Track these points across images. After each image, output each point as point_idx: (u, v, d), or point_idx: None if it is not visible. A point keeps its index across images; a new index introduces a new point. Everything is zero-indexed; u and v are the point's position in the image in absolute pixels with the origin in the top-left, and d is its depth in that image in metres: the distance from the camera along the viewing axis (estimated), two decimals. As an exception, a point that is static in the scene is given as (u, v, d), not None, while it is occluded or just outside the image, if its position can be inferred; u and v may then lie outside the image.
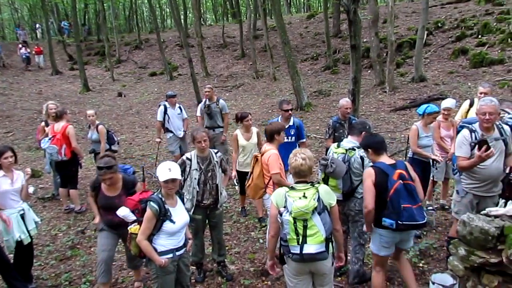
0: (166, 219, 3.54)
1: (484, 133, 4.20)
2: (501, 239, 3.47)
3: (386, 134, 11.03)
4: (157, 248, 3.57)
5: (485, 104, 4.15)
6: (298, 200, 3.11)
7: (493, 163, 4.17)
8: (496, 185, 4.26)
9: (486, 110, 4.10)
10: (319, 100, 15.48)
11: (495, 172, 4.20)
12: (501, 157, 4.22)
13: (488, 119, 4.11)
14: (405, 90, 14.67)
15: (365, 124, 4.67)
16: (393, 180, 3.68)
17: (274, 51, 21.97)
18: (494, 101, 4.14)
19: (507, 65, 14.27)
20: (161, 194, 3.62)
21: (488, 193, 4.29)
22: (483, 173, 4.23)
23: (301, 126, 6.31)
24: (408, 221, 3.63)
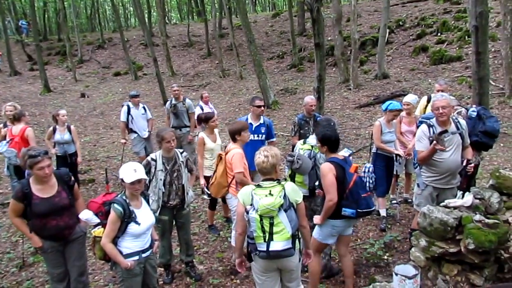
0: (131, 221, 3.47)
1: (441, 127, 4.35)
2: (459, 229, 3.61)
3: (351, 130, 11.25)
4: (122, 250, 3.51)
5: (437, 99, 4.34)
6: (264, 198, 3.13)
7: (450, 156, 4.34)
8: (454, 177, 4.43)
9: (439, 104, 4.28)
10: (286, 98, 15.60)
11: (453, 165, 4.36)
12: (458, 150, 4.39)
13: (442, 112, 4.27)
14: (369, 87, 14.98)
15: (330, 121, 4.75)
16: (350, 173, 3.89)
17: (240, 50, 21.97)
18: (445, 95, 4.35)
19: (464, 62, 14.79)
20: (125, 195, 3.55)
21: (447, 185, 4.46)
22: (441, 166, 4.39)
23: (271, 125, 6.32)
24: (366, 209, 3.91)
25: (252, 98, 6.23)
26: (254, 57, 14.69)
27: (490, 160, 8.12)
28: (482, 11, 7.20)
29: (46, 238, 3.87)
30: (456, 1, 20.75)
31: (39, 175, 3.69)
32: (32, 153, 3.65)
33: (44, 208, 3.74)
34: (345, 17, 20.11)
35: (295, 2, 24.24)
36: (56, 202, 3.80)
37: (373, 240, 5.51)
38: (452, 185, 4.46)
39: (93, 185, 8.55)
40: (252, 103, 6.05)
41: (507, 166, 7.74)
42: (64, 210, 3.82)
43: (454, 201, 3.93)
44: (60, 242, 3.94)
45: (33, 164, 3.63)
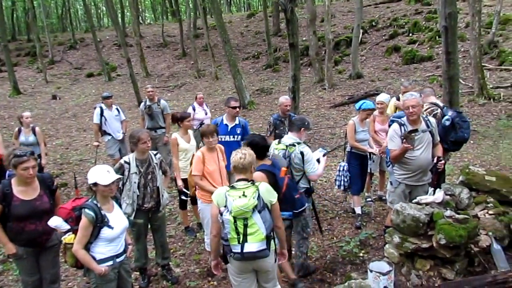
0: (104, 225, 3.38)
1: (412, 126, 4.46)
2: (431, 225, 3.70)
3: (327, 129, 11.36)
4: (95, 256, 3.41)
5: (407, 99, 4.44)
6: (237, 199, 3.12)
7: (421, 154, 4.44)
8: (425, 175, 4.54)
9: (409, 103, 4.38)
10: (262, 98, 15.64)
11: (424, 162, 4.47)
12: (428, 148, 4.50)
13: (412, 112, 4.37)
14: (343, 87, 15.17)
15: (304, 121, 4.76)
16: (281, 178, 4.03)
17: (216, 50, 21.92)
18: (414, 94, 4.46)
19: (435, 61, 15.14)
20: (96, 200, 3.45)
21: (418, 182, 4.57)
22: (413, 164, 4.49)
23: (246, 125, 6.32)
24: (300, 208, 4.23)
25: (227, 99, 6.21)
26: (229, 58, 14.68)
27: (461, 157, 8.33)
28: (451, 12, 7.38)
29: (22, 243, 3.75)
30: (426, 2, 21.23)
31: (23, 175, 3.59)
32: (18, 152, 3.57)
33: (24, 210, 3.64)
34: (319, 18, 20.31)
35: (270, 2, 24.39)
36: (37, 206, 3.70)
37: (349, 238, 5.58)
38: (424, 182, 4.56)
39: (66, 189, 8.37)
40: (227, 104, 6.02)
41: (476, 162, 7.96)
42: (44, 215, 3.69)
43: (426, 197, 4.02)
44: (36, 249, 3.83)
45: (18, 164, 3.55)
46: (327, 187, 7.55)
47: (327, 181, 7.77)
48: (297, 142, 4.53)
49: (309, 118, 12.21)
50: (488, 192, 4.20)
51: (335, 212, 6.50)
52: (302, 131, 4.61)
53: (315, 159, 4.57)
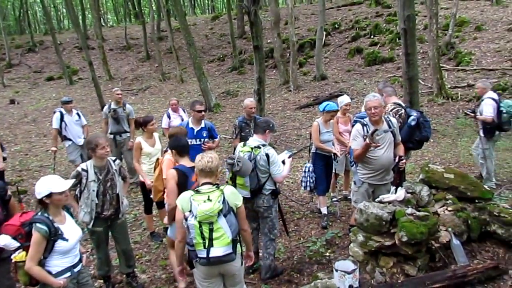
0: (58, 238, 3.17)
1: (374, 126, 4.56)
2: (394, 223, 3.79)
3: (293, 131, 11.46)
4: (51, 270, 3.20)
5: (369, 100, 4.54)
6: (202, 204, 3.09)
7: (383, 153, 4.55)
8: (388, 174, 4.65)
9: (371, 104, 4.48)
10: (227, 101, 15.62)
11: (386, 161, 4.58)
12: (390, 147, 4.61)
13: (374, 112, 4.48)
14: (308, 88, 15.34)
15: (269, 123, 4.78)
16: (191, 181, 4.04)
17: (180, 53, 21.74)
18: (376, 96, 4.57)
19: (396, 62, 15.55)
20: (47, 212, 3.24)
21: (381, 181, 4.67)
22: (375, 163, 4.59)
23: (213, 128, 6.29)
24: None
25: (192, 102, 6.16)
26: (194, 60, 14.59)
27: (421, 156, 8.58)
28: (409, 14, 7.58)
29: None
30: (387, 5, 21.79)
31: None
32: None
33: None
34: (283, 20, 20.49)
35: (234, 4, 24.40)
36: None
37: (315, 238, 5.63)
38: (387, 181, 4.67)
39: (25, 196, 8.08)
40: (192, 107, 5.98)
41: (436, 160, 8.21)
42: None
43: (388, 196, 4.11)
44: None
45: None
46: (294, 188, 7.60)
47: (293, 182, 7.83)
48: (263, 144, 4.54)
49: (275, 120, 12.33)
50: (447, 189, 4.34)
51: (302, 212, 6.55)
52: (267, 133, 4.63)
53: (280, 160, 4.60)
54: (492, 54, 14.05)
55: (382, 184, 4.66)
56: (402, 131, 5.00)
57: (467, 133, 9.83)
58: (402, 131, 4.99)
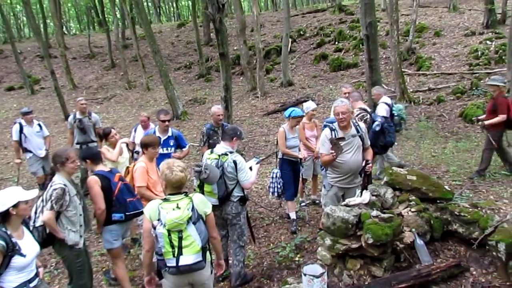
0: (15, 253, 3.07)
1: (342, 131, 4.64)
2: (360, 226, 3.86)
3: (261, 137, 11.51)
4: (5, 286, 3.05)
5: (337, 105, 4.61)
6: (171, 212, 3.06)
7: (351, 157, 4.64)
8: (356, 177, 4.75)
9: (339, 110, 4.56)
10: (195, 108, 15.55)
11: (354, 165, 4.67)
12: (358, 151, 4.70)
13: (342, 118, 4.56)
14: (275, 95, 15.46)
15: (236, 130, 4.79)
16: (115, 182, 4.42)
17: (146, 60, 21.52)
18: (344, 101, 4.64)
19: (360, 68, 15.88)
20: (5, 227, 3.10)
21: (349, 184, 4.76)
22: (343, 167, 4.68)
23: (180, 136, 6.26)
24: (133, 211, 4.49)
25: (158, 111, 6.15)
26: (160, 68, 14.47)
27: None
28: (371, 21, 7.81)
29: None
30: (350, 12, 22.28)
31: None
32: None
33: None
34: (249, 27, 20.60)
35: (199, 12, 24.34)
36: None
37: (285, 243, 5.66)
38: (355, 184, 4.77)
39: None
40: (157, 117, 5.99)
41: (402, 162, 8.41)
42: None
43: (354, 199, 4.19)
44: None
45: None
46: (263, 194, 7.63)
47: (262, 188, 7.86)
48: (230, 151, 4.55)
49: (243, 126, 12.37)
50: (410, 190, 4.46)
51: (271, 218, 6.58)
52: (234, 141, 4.64)
53: (248, 167, 4.63)
54: (451, 59, 14.55)
55: (351, 187, 4.75)
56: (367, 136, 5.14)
57: (429, 135, 10.12)
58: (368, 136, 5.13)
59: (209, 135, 6.25)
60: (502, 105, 6.59)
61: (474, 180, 6.80)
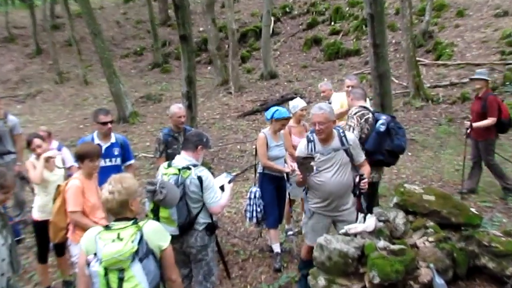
0: None
1: (321, 144, 4.69)
2: (363, 261, 3.89)
3: (235, 146, 11.53)
4: None
5: (314, 113, 4.63)
6: (110, 244, 3.02)
7: (332, 177, 4.61)
8: (343, 203, 4.72)
9: (316, 119, 4.58)
10: (148, 108, 15.49)
11: (336, 188, 4.63)
12: (344, 170, 4.68)
13: (319, 129, 4.58)
14: (254, 90, 15.54)
15: (202, 136, 4.78)
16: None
17: (83, 45, 21.36)
18: (323, 108, 4.64)
19: (363, 56, 16.12)
20: None
21: (333, 212, 4.76)
22: (321, 189, 4.67)
23: (126, 144, 6.19)
24: None
25: (95, 112, 6.03)
26: (101, 55, 14.36)
27: (397, 173, 8.88)
28: (376, -4, 7.89)
29: None
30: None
31: None
32: None
33: None
34: (219, 2, 20.70)
35: (154, -18, 24.32)
36: None
37: (266, 284, 5.65)
38: (339, 213, 4.76)
39: None
40: (95, 118, 5.86)
41: (416, 179, 8.52)
42: None
43: (355, 226, 4.22)
44: None
45: None
46: (237, 220, 7.62)
47: (236, 213, 7.85)
48: (193, 164, 4.52)
49: (211, 132, 12.36)
50: (427, 214, 4.52)
51: (248, 252, 6.57)
52: (199, 150, 4.62)
53: (218, 185, 4.61)
54: (478, 45, 14.83)
55: (339, 215, 4.76)
56: (370, 140, 5.22)
57: (452, 143, 10.30)
58: (369, 139, 5.22)
59: (166, 143, 6.21)
60: (493, 105, 6.92)
61: (507, 201, 6.94)
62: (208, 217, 4.57)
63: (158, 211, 4.46)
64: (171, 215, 4.44)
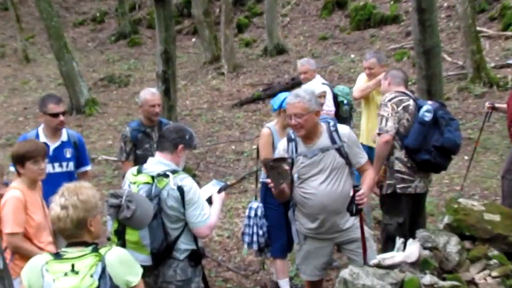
0: None
1: (304, 143, 4.67)
2: (401, 302, 3.88)
3: (228, 145, 11.54)
4: None
5: (288, 103, 4.63)
6: (61, 279, 3.02)
7: (321, 186, 4.58)
8: (341, 221, 4.68)
9: (290, 111, 4.56)
10: (110, 94, 15.53)
11: (328, 200, 4.58)
12: (338, 175, 4.65)
13: (295, 124, 4.52)
14: (254, 70, 15.55)
15: (183, 132, 4.76)
16: None
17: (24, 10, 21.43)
18: (300, 96, 4.58)
19: (404, 24, 16.07)
20: None
21: (330, 234, 4.75)
22: (309, 204, 4.65)
23: (81, 143, 6.19)
24: None
25: (43, 99, 6.03)
26: (48, 23, 14.37)
27: (450, 184, 8.85)
28: None
29: None
30: None
31: None
32: None
33: None
34: None
35: None
36: None
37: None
38: (339, 233, 4.76)
39: None
40: (42, 108, 5.86)
41: (475, 191, 8.48)
42: None
43: (391, 255, 4.21)
44: None
45: None
46: (232, 247, 7.63)
47: (231, 236, 7.86)
48: (172, 169, 4.52)
49: (196, 126, 12.35)
50: (489, 240, 4.51)
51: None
52: (179, 151, 4.61)
53: (205, 197, 4.61)
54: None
55: (334, 237, 4.79)
56: (411, 133, 5.24)
57: (523, 143, 10.28)
58: (411, 133, 5.23)
59: (135, 141, 6.23)
60: None
61: None
62: (192, 242, 4.56)
63: (125, 234, 4.46)
64: (142, 239, 4.43)
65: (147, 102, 6.26)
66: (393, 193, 5.36)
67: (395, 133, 5.24)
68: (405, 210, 5.09)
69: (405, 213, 5.14)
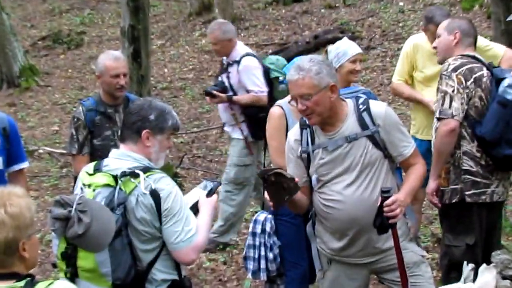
0: None
1: (323, 131, 4.56)
2: None
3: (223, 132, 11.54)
4: None
5: (289, 80, 4.51)
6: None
7: (348, 190, 4.49)
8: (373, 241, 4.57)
9: (294, 92, 4.41)
10: (56, 59, 15.59)
11: (361, 210, 4.46)
12: (373, 176, 4.52)
13: (305, 109, 4.39)
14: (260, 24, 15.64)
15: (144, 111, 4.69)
16: None
17: None
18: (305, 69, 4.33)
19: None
20: None
21: (365, 257, 4.68)
22: (333, 217, 4.56)
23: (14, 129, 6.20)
24: None
25: None
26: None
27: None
28: None
29: None
30: None
31: None
32: None
33: None
34: None
35: None
36: None
37: None
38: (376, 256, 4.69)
39: None
40: None
41: None
42: None
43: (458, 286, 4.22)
44: None
45: None
46: (229, 276, 7.68)
47: (227, 261, 7.90)
48: (144, 167, 4.52)
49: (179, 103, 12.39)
50: None
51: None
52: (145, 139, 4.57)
53: (188, 205, 4.60)
54: None
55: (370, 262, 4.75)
56: (487, 118, 5.17)
57: None
58: (486, 117, 5.17)
59: (92, 126, 6.26)
60: None
61: None
62: (173, 269, 4.57)
63: (76, 258, 4.47)
64: (100, 265, 4.43)
65: (108, 70, 6.27)
66: (460, 202, 5.28)
67: (463, 118, 5.17)
68: (477, 227, 5.06)
69: (477, 230, 5.10)
